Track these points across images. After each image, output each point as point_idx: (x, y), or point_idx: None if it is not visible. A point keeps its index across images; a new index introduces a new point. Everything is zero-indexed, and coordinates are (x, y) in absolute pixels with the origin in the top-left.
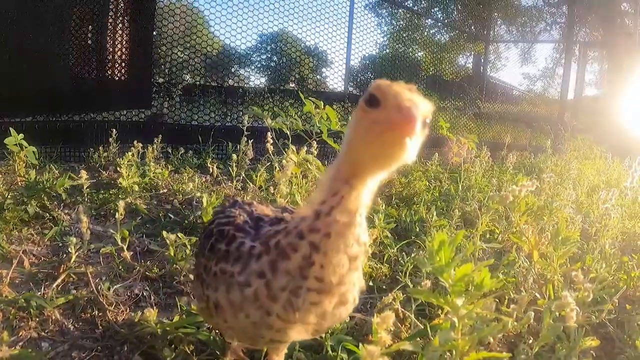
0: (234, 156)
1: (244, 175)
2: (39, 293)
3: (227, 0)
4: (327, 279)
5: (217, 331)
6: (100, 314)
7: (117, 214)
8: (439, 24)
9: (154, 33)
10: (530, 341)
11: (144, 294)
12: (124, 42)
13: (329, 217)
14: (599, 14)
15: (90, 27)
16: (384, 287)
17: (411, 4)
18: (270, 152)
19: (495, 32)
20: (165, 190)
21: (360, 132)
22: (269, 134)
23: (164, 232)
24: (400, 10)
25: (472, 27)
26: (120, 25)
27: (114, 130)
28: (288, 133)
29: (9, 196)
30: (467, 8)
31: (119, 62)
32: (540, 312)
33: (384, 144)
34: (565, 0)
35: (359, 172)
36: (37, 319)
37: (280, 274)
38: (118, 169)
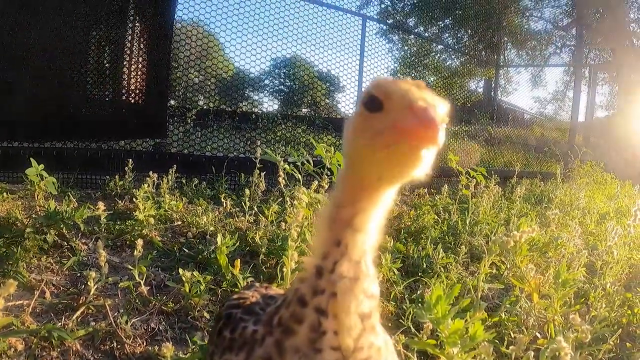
0: (247, 191)
1: (256, 208)
2: (60, 324)
3: (242, 25)
4: (345, 344)
5: None
6: (118, 346)
7: (135, 250)
8: (450, 49)
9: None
10: None
11: (160, 328)
12: (140, 68)
13: (332, 274)
14: (607, 35)
15: (107, 52)
16: (390, 324)
17: (422, 30)
18: (282, 185)
19: (506, 57)
20: (179, 223)
21: (361, 145)
22: (280, 168)
23: (181, 270)
24: (410, 37)
25: (483, 52)
26: (136, 51)
27: (130, 160)
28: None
29: (28, 224)
30: (477, 33)
31: (134, 90)
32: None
33: (396, 158)
34: (574, 24)
35: (362, 200)
36: (59, 349)
37: (289, 354)
38: (134, 199)
